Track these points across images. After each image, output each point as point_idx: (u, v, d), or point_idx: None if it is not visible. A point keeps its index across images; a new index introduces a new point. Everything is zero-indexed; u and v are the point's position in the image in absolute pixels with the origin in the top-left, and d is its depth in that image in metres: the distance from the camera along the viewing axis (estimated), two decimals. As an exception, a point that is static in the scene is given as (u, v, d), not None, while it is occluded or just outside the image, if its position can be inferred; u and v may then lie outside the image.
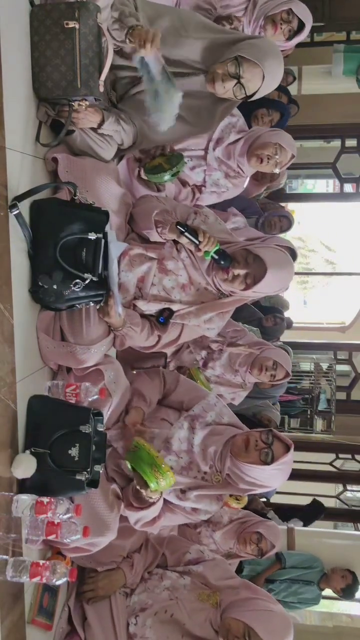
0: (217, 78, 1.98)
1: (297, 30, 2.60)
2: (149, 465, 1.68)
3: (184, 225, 1.91)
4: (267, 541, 2.86)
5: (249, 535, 2.86)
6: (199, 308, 2.03)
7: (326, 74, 6.43)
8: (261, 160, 2.47)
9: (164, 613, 1.94)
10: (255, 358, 2.95)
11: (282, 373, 2.99)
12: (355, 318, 9.08)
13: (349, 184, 6.89)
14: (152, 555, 2.16)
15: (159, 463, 1.68)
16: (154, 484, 1.68)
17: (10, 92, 1.51)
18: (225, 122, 2.45)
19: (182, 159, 2.13)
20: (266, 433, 1.94)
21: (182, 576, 2.08)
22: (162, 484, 1.70)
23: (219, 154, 2.47)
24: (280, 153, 2.49)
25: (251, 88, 2.00)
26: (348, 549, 5.36)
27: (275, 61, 2.01)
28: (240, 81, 1.97)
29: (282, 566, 4.45)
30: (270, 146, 2.47)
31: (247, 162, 2.50)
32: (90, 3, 1.62)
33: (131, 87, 2.08)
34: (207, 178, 2.50)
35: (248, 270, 1.95)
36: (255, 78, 1.97)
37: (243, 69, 1.95)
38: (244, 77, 1.96)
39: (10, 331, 1.53)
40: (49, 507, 1.49)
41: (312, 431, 6.50)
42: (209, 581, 2.06)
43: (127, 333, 1.91)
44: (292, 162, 2.58)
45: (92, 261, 1.65)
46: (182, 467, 1.95)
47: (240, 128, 2.50)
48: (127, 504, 1.90)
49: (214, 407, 2.06)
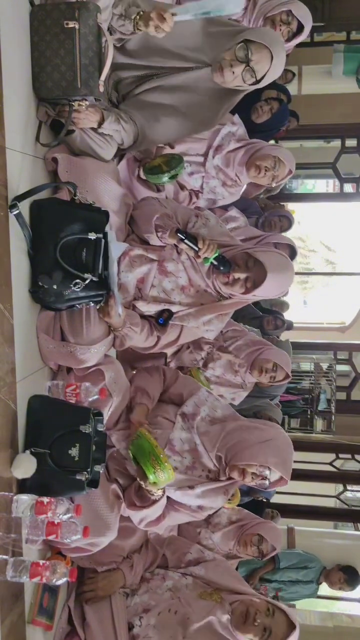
0: (225, 65, 1.97)
1: (296, 32, 2.61)
2: (147, 454, 1.71)
3: (183, 232, 1.92)
4: (268, 543, 2.86)
5: (249, 537, 2.85)
6: (198, 310, 2.03)
7: (326, 74, 6.44)
8: (259, 171, 2.49)
9: (168, 612, 1.94)
10: (255, 359, 2.95)
11: (282, 375, 2.98)
12: (355, 318, 9.08)
13: (349, 184, 6.89)
14: (152, 556, 2.16)
15: (158, 453, 1.70)
16: (152, 475, 1.70)
17: (10, 92, 1.51)
18: (226, 130, 2.46)
19: (181, 161, 2.13)
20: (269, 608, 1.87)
21: (184, 576, 2.07)
22: (161, 476, 1.71)
23: (218, 161, 2.48)
24: (279, 167, 2.51)
25: (260, 71, 1.98)
26: (348, 549, 5.37)
27: (280, 46, 2.01)
28: (249, 64, 1.96)
29: (275, 566, 4.46)
30: (270, 158, 2.49)
31: (245, 171, 2.51)
32: (90, 3, 1.62)
33: (135, 87, 2.08)
34: (204, 185, 2.52)
35: (248, 274, 1.96)
36: (264, 60, 1.96)
37: (252, 52, 1.94)
38: (252, 60, 1.95)
39: (10, 331, 1.53)
40: (49, 507, 1.49)
41: (312, 431, 6.50)
42: (211, 581, 2.06)
43: (127, 333, 1.91)
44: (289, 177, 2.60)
45: (92, 261, 1.64)
46: (186, 467, 1.95)
47: (240, 137, 2.51)
48: (129, 504, 1.90)
49: (205, 401, 2.06)
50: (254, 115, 3.04)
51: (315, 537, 5.58)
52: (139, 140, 2.06)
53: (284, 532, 5.26)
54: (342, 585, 4.68)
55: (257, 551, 2.86)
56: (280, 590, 4.53)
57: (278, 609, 1.89)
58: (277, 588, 4.53)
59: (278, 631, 1.83)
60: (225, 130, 2.45)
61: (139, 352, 2.18)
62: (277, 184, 2.62)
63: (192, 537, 2.75)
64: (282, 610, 1.89)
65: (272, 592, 4.43)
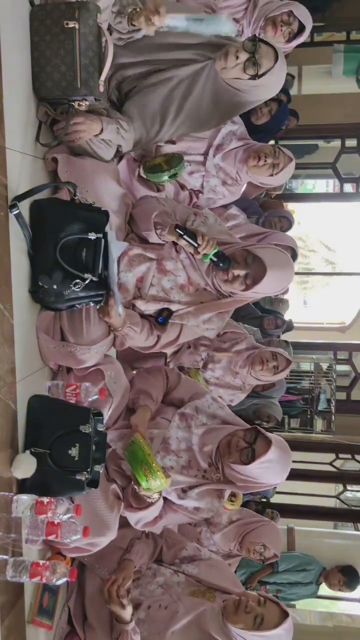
0: (230, 51, 2.00)
1: (297, 33, 2.61)
2: (140, 462, 1.70)
3: (182, 228, 1.91)
4: (271, 550, 2.88)
5: (252, 545, 2.86)
6: (198, 308, 2.03)
7: (326, 74, 6.45)
8: (259, 159, 2.48)
9: (158, 607, 1.92)
10: (254, 355, 2.96)
11: (284, 362, 2.98)
12: (355, 318, 9.09)
13: (349, 184, 6.89)
14: (152, 546, 2.14)
15: (150, 461, 1.69)
16: (144, 482, 1.70)
17: (10, 92, 1.51)
18: (227, 129, 2.46)
19: (182, 160, 2.13)
20: (249, 432, 1.93)
21: (177, 574, 2.06)
22: (153, 484, 1.70)
23: (218, 160, 2.47)
24: (279, 155, 2.51)
25: (263, 66, 2.00)
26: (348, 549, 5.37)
27: (283, 61, 2.04)
28: (254, 56, 1.98)
29: (274, 570, 4.47)
30: (269, 147, 2.50)
31: (245, 164, 2.50)
32: (90, 3, 1.62)
33: (138, 82, 2.08)
34: (204, 184, 2.51)
35: (248, 271, 1.95)
36: (269, 56, 1.99)
37: (259, 46, 1.97)
38: (258, 54, 1.98)
39: (10, 331, 1.53)
40: (49, 507, 1.49)
41: (312, 431, 6.50)
42: (203, 580, 2.04)
43: (127, 333, 1.91)
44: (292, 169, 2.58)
45: (92, 261, 1.64)
46: (182, 467, 1.95)
47: (240, 136, 2.51)
48: (126, 505, 1.89)
49: (207, 409, 2.06)
50: (253, 117, 3.03)
51: (315, 537, 5.59)
52: (139, 145, 2.07)
53: (284, 532, 5.26)
54: (342, 587, 4.69)
55: (260, 557, 2.88)
56: (280, 592, 4.54)
57: (270, 600, 1.88)
58: (277, 589, 4.54)
59: (270, 619, 1.81)
60: (226, 130, 2.45)
61: (138, 352, 2.18)
62: (277, 173, 2.57)
63: (193, 537, 2.75)
64: (273, 601, 1.88)
65: (271, 593, 4.44)
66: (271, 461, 1.87)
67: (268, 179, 2.58)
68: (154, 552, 2.12)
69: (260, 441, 1.89)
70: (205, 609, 1.88)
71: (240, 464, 1.87)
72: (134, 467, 1.72)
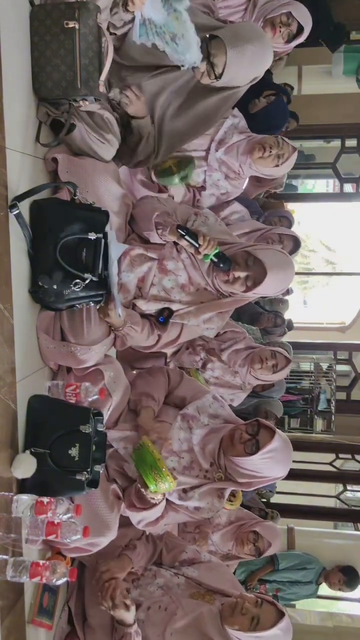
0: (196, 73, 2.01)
1: (296, 33, 2.60)
2: (149, 467, 1.70)
3: (184, 228, 1.92)
4: (264, 540, 2.86)
5: (245, 535, 2.86)
6: (198, 308, 2.03)
7: (326, 74, 6.44)
8: (263, 150, 2.46)
9: (158, 608, 1.92)
10: (253, 354, 2.96)
11: (283, 360, 2.98)
12: (355, 318, 9.08)
13: (349, 184, 6.90)
14: (152, 549, 2.14)
15: (160, 466, 1.69)
16: (153, 485, 1.70)
17: (10, 92, 1.51)
18: (229, 122, 2.45)
19: (192, 161, 2.13)
20: (251, 425, 1.94)
21: (177, 576, 2.06)
22: (162, 487, 1.71)
23: (221, 154, 2.47)
24: (282, 145, 2.50)
25: (218, 65, 1.99)
26: (348, 549, 5.37)
27: (242, 40, 2.01)
28: (210, 60, 1.98)
29: (274, 568, 4.47)
30: (272, 138, 2.49)
31: (249, 156, 2.49)
32: (90, 3, 1.62)
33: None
34: (207, 178, 2.51)
35: (248, 273, 1.96)
36: (220, 52, 1.98)
37: (211, 46, 1.97)
38: (211, 54, 1.98)
39: (10, 331, 1.53)
40: (49, 507, 1.49)
41: (312, 431, 6.50)
42: (203, 583, 2.04)
43: (127, 333, 1.91)
44: (294, 158, 2.57)
45: (92, 261, 1.64)
46: (184, 467, 1.95)
47: (242, 129, 2.51)
48: (129, 505, 1.89)
49: (208, 408, 2.06)
50: (251, 106, 3.01)
51: (315, 537, 5.58)
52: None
53: (284, 532, 5.26)
54: (342, 586, 4.69)
55: (254, 549, 2.87)
56: (280, 590, 4.54)
57: (266, 601, 1.88)
58: (276, 588, 4.54)
59: (266, 620, 1.82)
60: (227, 123, 2.45)
61: (139, 352, 2.18)
62: (283, 164, 2.55)
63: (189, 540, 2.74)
64: (270, 602, 1.88)
65: (271, 592, 4.44)
66: (276, 450, 1.88)
67: (272, 170, 2.57)
68: (152, 555, 2.12)
69: (264, 431, 1.91)
70: (204, 611, 1.88)
71: (244, 455, 1.88)
72: (142, 470, 1.72)
